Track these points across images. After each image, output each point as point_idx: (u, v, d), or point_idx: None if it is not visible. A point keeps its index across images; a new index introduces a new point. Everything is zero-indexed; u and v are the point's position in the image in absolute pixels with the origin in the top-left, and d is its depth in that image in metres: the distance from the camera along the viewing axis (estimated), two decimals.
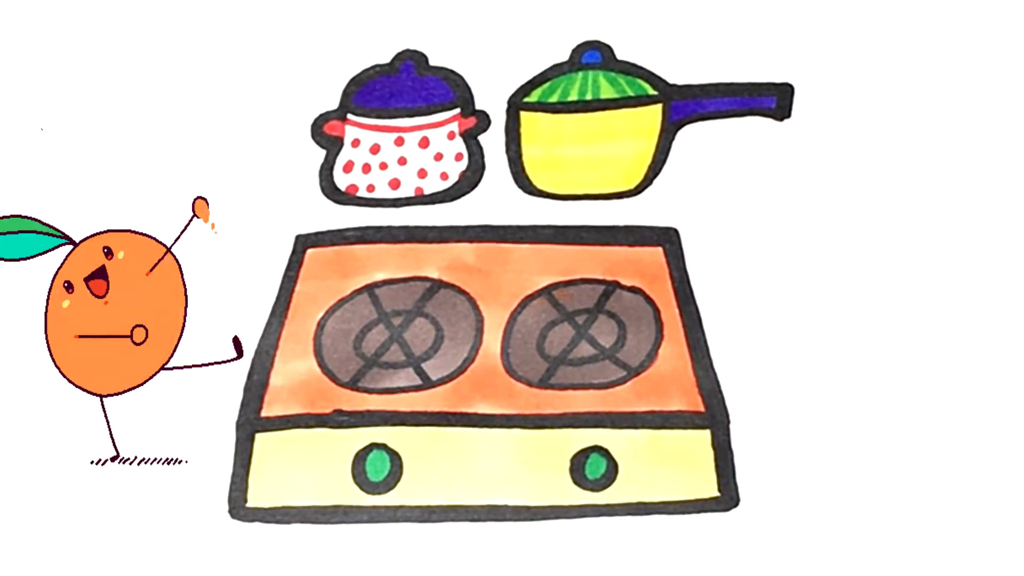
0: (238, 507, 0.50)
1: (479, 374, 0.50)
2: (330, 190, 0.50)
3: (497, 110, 0.50)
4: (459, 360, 0.51)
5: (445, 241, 0.51)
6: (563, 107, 0.50)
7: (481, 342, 0.51)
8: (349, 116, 0.50)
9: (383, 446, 0.51)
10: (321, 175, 0.50)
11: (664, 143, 0.51)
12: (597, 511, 0.50)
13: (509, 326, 0.51)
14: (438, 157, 0.51)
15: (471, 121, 0.50)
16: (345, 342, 0.51)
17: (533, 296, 0.51)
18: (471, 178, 0.51)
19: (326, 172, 0.50)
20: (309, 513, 0.51)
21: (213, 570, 0.50)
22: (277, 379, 0.51)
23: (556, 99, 0.50)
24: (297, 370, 0.51)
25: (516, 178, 0.51)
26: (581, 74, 0.50)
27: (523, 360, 0.51)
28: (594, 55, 0.50)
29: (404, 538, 0.50)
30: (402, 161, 0.51)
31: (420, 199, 0.51)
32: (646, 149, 0.50)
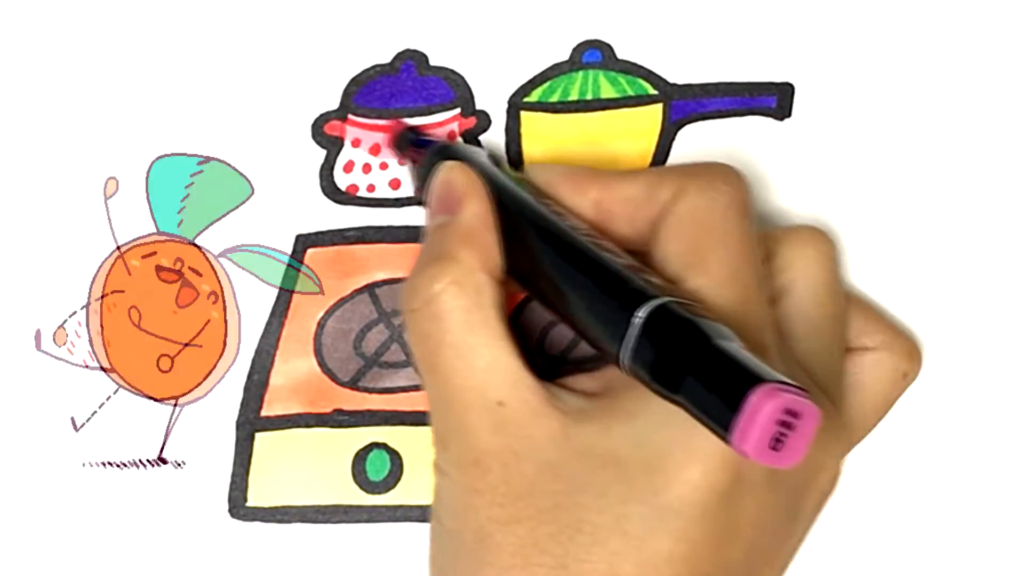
0: (238, 506, 0.50)
1: None
2: (330, 190, 0.50)
3: (497, 110, 0.50)
4: None
5: None
6: (563, 107, 0.50)
7: None
8: (350, 116, 0.50)
9: (383, 446, 0.51)
10: (321, 175, 0.50)
11: (664, 143, 0.50)
12: None
13: None
14: None
15: (471, 121, 0.50)
16: (345, 342, 0.51)
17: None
18: None
19: (326, 172, 0.50)
20: (309, 512, 0.51)
21: (213, 570, 0.50)
22: (277, 379, 0.51)
23: (556, 99, 0.50)
24: (297, 370, 0.51)
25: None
26: (581, 74, 0.50)
27: None
28: (594, 55, 0.50)
29: (404, 538, 0.50)
30: (403, 161, 0.51)
31: (421, 199, 0.51)
32: (646, 149, 0.50)
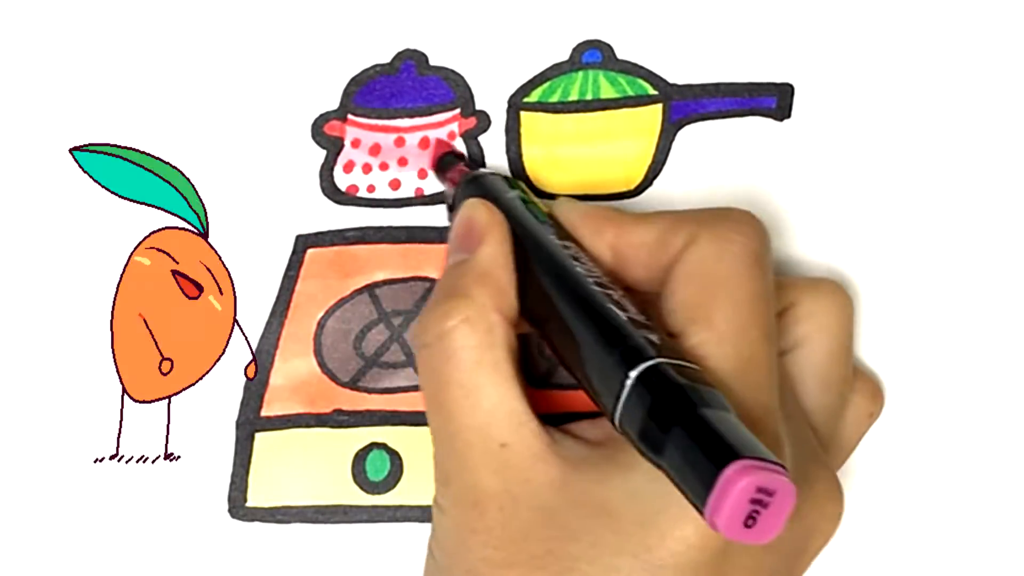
0: (238, 506, 0.50)
1: None
2: (330, 190, 0.50)
3: (497, 110, 0.50)
4: None
5: (445, 241, 0.51)
6: (563, 107, 0.50)
7: None
8: (349, 116, 0.50)
9: (383, 446, 0.51)
10: (321, 175, 0.50)
11: (664, 143, 0.50)
12: None
13: None
14: None
15: (471, 121, 0.50)
16: (345, 342, 0.51)
17: None
18: None
19: (326, 172, 0.50)
20: (309, 513, 0.51)
21: (213, 569, 0.50)
22: (277, 379, 0.51)
23: (556, 99, 0.50)
24: (297, 370, 0.51)
25: (516, 178, 0.51)
26: (581, 74, 0.50)
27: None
28: (594, 55, 0.50)
29: (404, 538, 0.50)
30: (402, 161, 0.51)
31: (420, 199, 0.51)
32: (646, 149, 0.50)
